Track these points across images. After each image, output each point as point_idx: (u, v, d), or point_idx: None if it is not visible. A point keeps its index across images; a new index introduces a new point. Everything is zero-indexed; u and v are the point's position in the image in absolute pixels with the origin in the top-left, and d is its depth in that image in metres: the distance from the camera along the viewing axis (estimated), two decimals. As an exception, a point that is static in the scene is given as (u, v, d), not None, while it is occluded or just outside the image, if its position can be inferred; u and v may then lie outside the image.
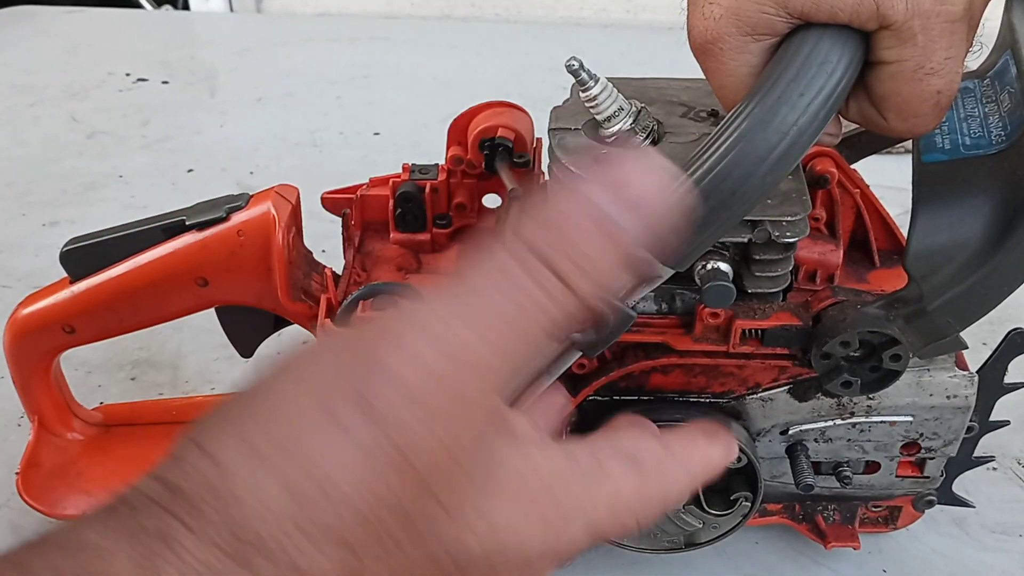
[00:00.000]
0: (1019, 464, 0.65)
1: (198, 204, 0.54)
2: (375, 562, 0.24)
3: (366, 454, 0.24)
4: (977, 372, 0.49)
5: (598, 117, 0.48)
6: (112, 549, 0.23)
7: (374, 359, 0.25)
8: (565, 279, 0.26)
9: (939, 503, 0.54)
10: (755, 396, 0.49)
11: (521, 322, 0.26)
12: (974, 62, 0.44)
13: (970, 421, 0.50)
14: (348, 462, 0.24)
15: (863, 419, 0.50)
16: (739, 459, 0.49)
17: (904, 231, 0.45)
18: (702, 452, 0.34)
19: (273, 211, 0.52)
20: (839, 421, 0.50)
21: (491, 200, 0.63)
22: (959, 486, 0.54)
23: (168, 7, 1.91)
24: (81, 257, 0.53)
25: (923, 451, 0.51)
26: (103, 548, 0.23)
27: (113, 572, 0.22)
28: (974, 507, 0.56)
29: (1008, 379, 0.50)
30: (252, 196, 0.53)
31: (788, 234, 0.44)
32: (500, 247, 0.26)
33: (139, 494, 0.24)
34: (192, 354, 0.74)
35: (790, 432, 0.50)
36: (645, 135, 0.49)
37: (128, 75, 1.29)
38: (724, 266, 0.44)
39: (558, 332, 0.26)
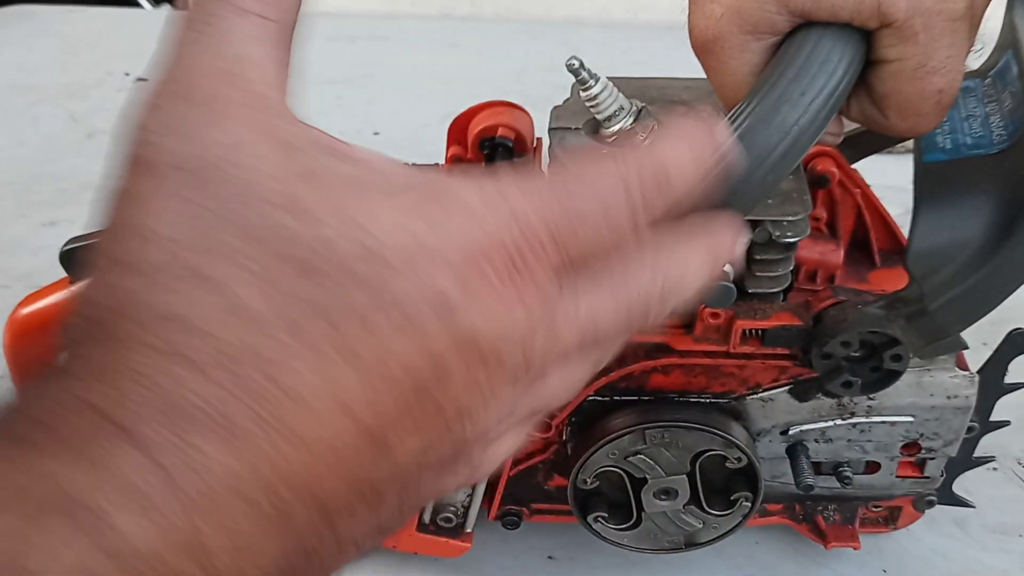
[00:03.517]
0: (1019, 464, 0.65)
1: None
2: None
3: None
4: (978, 372, 0.49)
5: (599, 117, 0.48)
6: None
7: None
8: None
9: (939, 503, 0.54)
10: (755, 396, 0.49)
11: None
12: (976, 61, 0.44)
13: (970, 421, 0.50)
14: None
15: (863, 419, 0.49)
16: (739, 459, 0.49)
17: (905, 231, 0.45)
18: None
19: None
20: (839, 421, 0.50)
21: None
22: (959, 486, 0.54)
23: (168, 7, 1.91)
24: (81, 257, 0.53)
25: (923, 451, 0.51)
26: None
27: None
28: (974, 507, 0.56)
29: (1008, 379, 0.50)
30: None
31: (789, 234, 0.44)
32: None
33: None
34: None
35: (790, 432, 0.50)
36: (645, 134, 0.49)
37: (127, 75, 1.29)
38: (725, 266, 0.44)
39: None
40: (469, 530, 0.54)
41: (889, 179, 0.62)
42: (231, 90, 0.25)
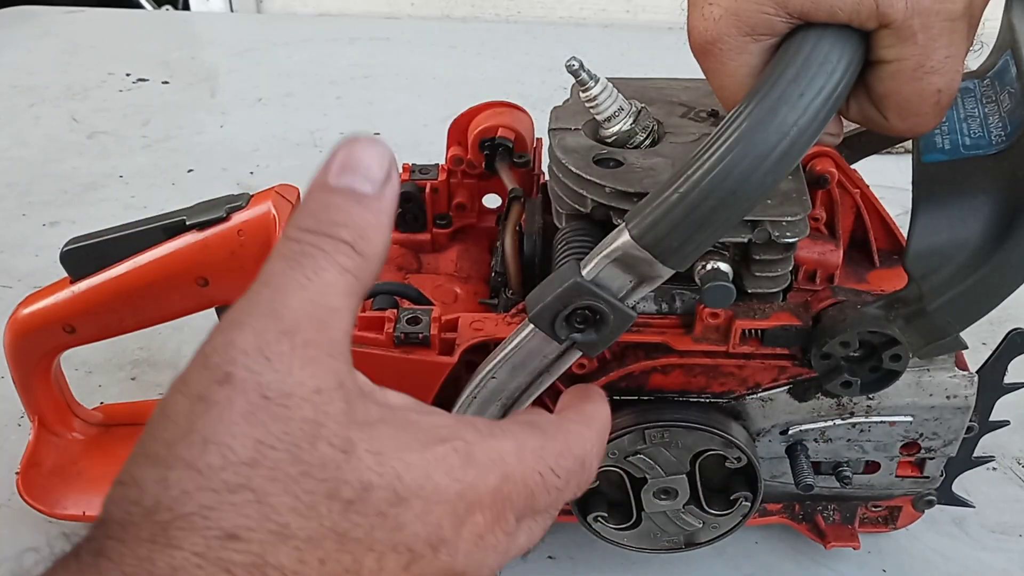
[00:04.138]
0: (1019, 464, 0.65)
1: (198, 204, 0.54)
2: (283, 501, 0.27)
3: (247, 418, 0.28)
4: (977, 372, 0.49)
5: (598, 117, 0.48)
6: None
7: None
8: (334, 236, 0.30)
9: (939, 503, 0.54)
10: (755, 396, 0.49)
11: (318, 283, 0.30)
12: (975, 61, 0.44)
13: (970, 421, 0.50)
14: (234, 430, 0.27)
15: (863, 419, 0.50)
16: (739, 459, 0.49)
17: (904, 231, 0.45)
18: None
19: (273, 211, 0.52)
20: (839, 421, 0.50)
21: (491, 200, 0.64)
22: (959, 486, 0.54)
23: (168, 7, 1.91)
24: (81, 257, 0.53)
25: (923, 451, 0.51)
26: None
27: None
28: (974, 507, 0.56)
29: (1008, 379, 0.50)
30: (252, 196, 0.53)
31: (788, 234, 0.44)
32: (281, 242, 0.31)
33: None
34: (192, 354, 0.74)
35: (790, 432, 0.50)
36: (645, 135, 0.49)
37: (128, 75, 1.29)
38: (724, 266, 0.44)
39: (357, 276, 0.31)
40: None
41: (888, 179, 0.62)
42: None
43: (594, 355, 0.43)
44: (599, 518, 0.51)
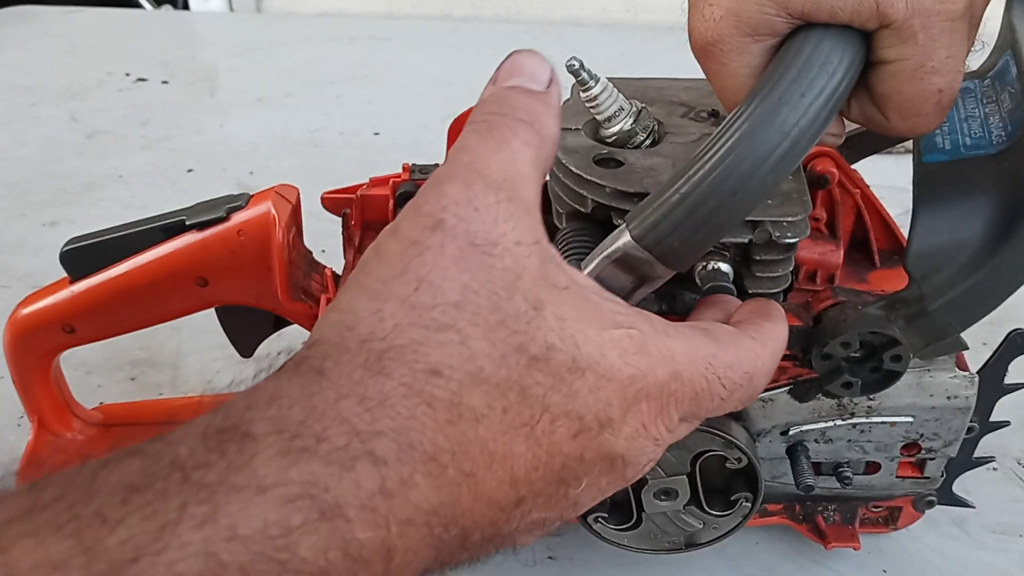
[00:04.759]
0: (1019, 464, 0.65)
1: (198, 204, 0.54)
2: (479, 341, 0.29)
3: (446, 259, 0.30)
4: (977, 373, 0.49)
5: (598, 117, 0.48)
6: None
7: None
8: (515, 116, 0.33)
9: (939, 503, 0.54)
10: (755, 396, 0.49)
11: (517, 140, 0.33)
12: (975, 61, 0.44)
13: (970, 422, 0.50)
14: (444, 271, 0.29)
15: (863, 420, 0.49)
16: (739, 459, 0.49)
17: (905, 231, 0.45)
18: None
19: (273, 211, 0.52)
20: (839, 422, 0.50)
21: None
22: (959, 486, 0.54)
23: (168, 7, 1.91)
24: (81, 257, 0.53)
25: (923, 452, 0.51)
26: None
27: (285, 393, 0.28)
28: (974, 507, 0.56)
29: (1008, 380, 0.50)
30: (252, 196, 0.53)
31: (789, 235, 0.44)
32: (469, 122, 0.33)
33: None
34: (192, 354, 0.74)
35: (790, 433, 0.50)
36: (646, 135, 0.49)
37: (128, 75, 1.29)
38: (725, 267, 0.44)
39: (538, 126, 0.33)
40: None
41: (889, 179, 0.62)
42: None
43: None
44: (599, 518, 0.51)
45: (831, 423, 0.50)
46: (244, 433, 0.26)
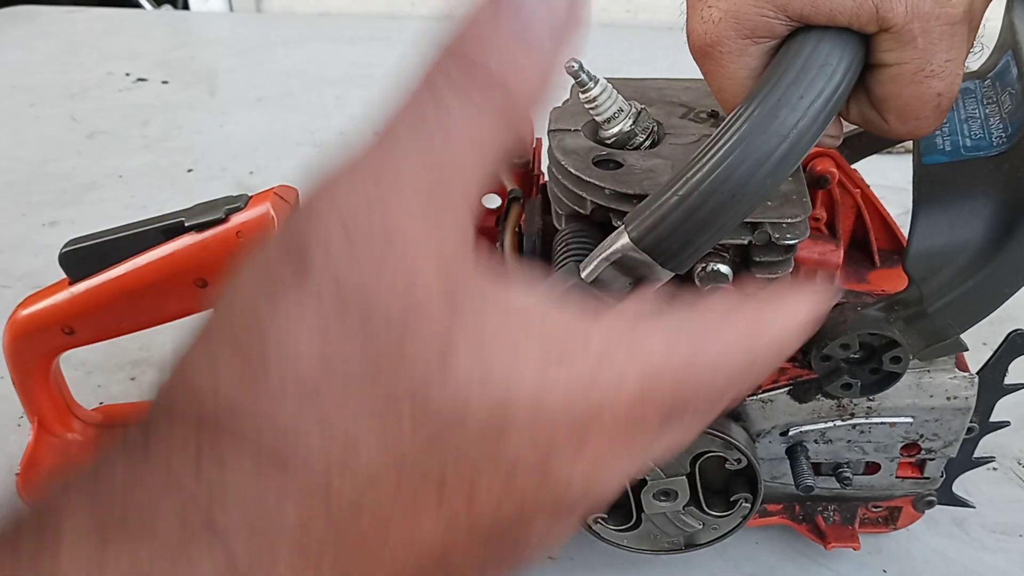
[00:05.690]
0: (1019, 464, 0.65)
1: (197, 205, 0.54)
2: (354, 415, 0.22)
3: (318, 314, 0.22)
4: (977, 373, 0.49)
5: (598, 118, 0.48)
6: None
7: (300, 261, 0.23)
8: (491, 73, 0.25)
9: (939, 503, 0.54)
10: (755, 397, 0.49)
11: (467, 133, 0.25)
12: (975, 63, 0.44)
13: (970, 422, 0.50)
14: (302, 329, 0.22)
15: (863, 420, 0.49)
16: (739, 460, 0.49)
17: (904, 231, 0.45)
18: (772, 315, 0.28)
19: (272, 212, 0.52)
20: (839, 422, 0.50)
21: (491, 200, 0.63)
22: (959, 486, 0.54)
23: (168, 7, 1.91)
24: (80, 258, 0.53)
25: (923, 452, 0.51)
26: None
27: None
28: (974, 507, 0.56)
29: (1008, 380, 0.50)
30: (251, 197, 0.53)
31: (788, 236, 0.44)
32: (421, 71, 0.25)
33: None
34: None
35: (790, 433, 0.50)
36: (645, 136, 0.49)
37: (128, 75, 1.29)
38: (724, 268, 0.44)
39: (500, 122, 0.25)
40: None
41: (889, 179, 0.62)
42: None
43: None
44: (599, 519, 0.51)
45: (831, 424, 0.50)
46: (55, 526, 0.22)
